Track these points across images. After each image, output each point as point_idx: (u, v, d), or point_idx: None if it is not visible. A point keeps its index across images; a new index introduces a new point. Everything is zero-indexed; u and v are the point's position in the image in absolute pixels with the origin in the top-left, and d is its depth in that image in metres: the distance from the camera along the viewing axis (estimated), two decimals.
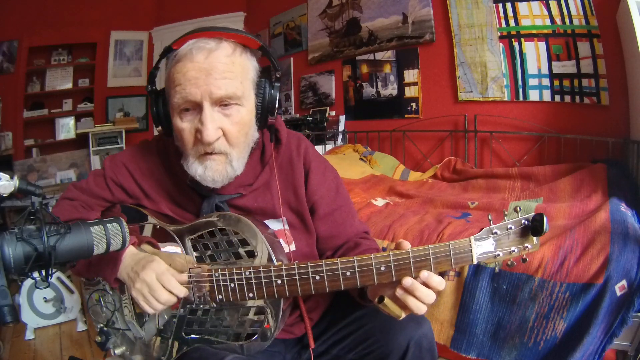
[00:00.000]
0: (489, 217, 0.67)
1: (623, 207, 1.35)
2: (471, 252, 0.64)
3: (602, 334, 1.12)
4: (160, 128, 0.79)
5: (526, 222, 0.64)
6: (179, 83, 0.69)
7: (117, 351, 0.85)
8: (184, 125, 0.72)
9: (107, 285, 0.84)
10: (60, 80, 3.99)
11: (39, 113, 3.89)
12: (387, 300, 0.66)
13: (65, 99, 4.05)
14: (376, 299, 0.67)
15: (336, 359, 0.84)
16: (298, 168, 0.85)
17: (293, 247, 0.84)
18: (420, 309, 0.64)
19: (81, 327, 1.97)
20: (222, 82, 0.69)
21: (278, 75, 0.78)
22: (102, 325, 0.86)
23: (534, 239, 0.64)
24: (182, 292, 0.73)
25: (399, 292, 0.65)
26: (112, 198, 0.87)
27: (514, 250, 0.65)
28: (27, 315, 1.93)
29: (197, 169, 0.74)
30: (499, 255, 0.65)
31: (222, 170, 0.74)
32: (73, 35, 3.92)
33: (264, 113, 0.77)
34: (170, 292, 0.72)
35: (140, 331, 0.82)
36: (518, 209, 0.65)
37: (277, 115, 0.80)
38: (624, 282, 1.11)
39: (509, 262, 0.67)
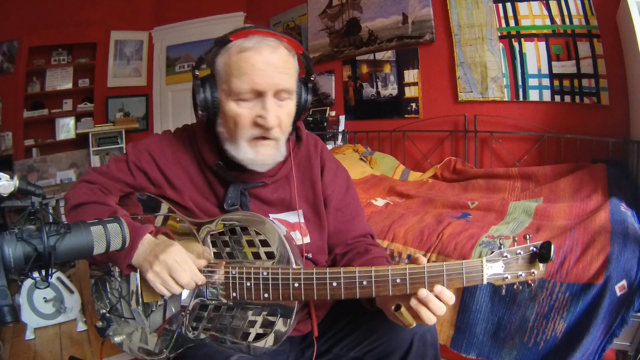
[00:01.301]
0: (500, 242, 0.70)
1: (623, 207, 1.35)
2: (482, 272, 0.67)
3: (602, 334, 1.12)
4: (202, 114, 0.79)
5: (534, 249, 0.68)
6: (245, 72, 0.74)
7: (117, 339, 0.84)
8: (242, 111, 0.76)
9: (115, 272, 0.83)
10: (60, 80, 3.99)
11: (39, 113, 3.88)
12: (403, 309, 0.68)
13: (65, 99, 4.05)
14: (392, 307, 0.70)
15: (338, 357, 0.85)
16: (315, 164, 0.90)
17: (307, 240, 0.87)
18: (431, 319, 0.67)
19: (81, 327, 1.97)
20: (284, 76, 0.76)
21: (313, 79, 0.84)
22: (104, 311, 0.85)
23: (541, 265, 0.68)
24: (201, 279, 0.75)
25: (413, 302, 0.67)
26: (133, 182, 0.87)
27: (521, 275, 0.68)
28: (27, 315, 1.93)
29: (248, 153, 0.78)
30: (507, 277, 0.68)
31: (272, 155, 0.79)
32: (73, 35, 3.92)
33: (300, 111, 0.83)
34: (192, 279, 0.74)
35: (145, 321, 0.81)
36: (528, 236, 0.68)
37: (302, 117, 0.86)
38: (624, 282, 1.11)
39: (515, 286, 0.71)
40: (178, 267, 0.72)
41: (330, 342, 0.86)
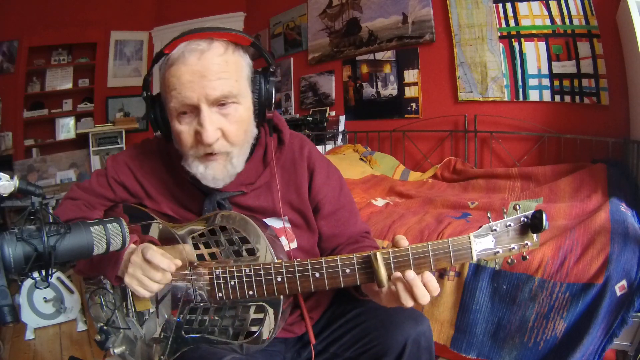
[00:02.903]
0: (489, 214, 0.66)
1: (623, 207, 1.35)
2: (470, 249, 0.64)
3: (602, 334, 1.12)
4: (159, 133, 0.80)
5: (525, 219, 0.64)
6: (174, 87, 0.70)
7: (117, 350, 0.85)
8: (183, 127, 0.73)
9: (107, 284, 0.85)
10: (60, 80, 3.99)
11: (39, 113, 3.89)
12: (380, 258, 0.64)
13: (65, 99, 4.05)
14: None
15: (334, 357, 0.84)
16: (301, 169, 0.86)
17: (294, 245, 0.85)
18: (407, 303, 0.64)
19: (81, 327, 1.97)
20: (216, 82, 0.69)
21: (272, 70, 0.78)
22: (102, 324, 0.86)
23: (534, 236, 0.64)
24: (171, 265, 0.72)
25: (395, 276, 0.64)
26: (114, 197, 0.87)
27: (513, 248, 0.64)
28: (27, 315, 1.93)
29: (199, 168, 0.75)
30: (498, 252, 0.64)
31: (223, 169, 0.75)
32: (73, 35, 3.92)
33: (262, 108, 0.78)
34: (158, 267, 0.72)
35: (140, 330, 0.82)
36: (517, 207, 0.65)
37: (274, 111, 0.80)
38: (624, 282, 1.11)
39: (509, 260, 0.67)
40: (147, 266, 0.72)
41: (326, 341, 0.86)
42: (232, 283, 0.73)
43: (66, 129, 4.05)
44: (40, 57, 3.87)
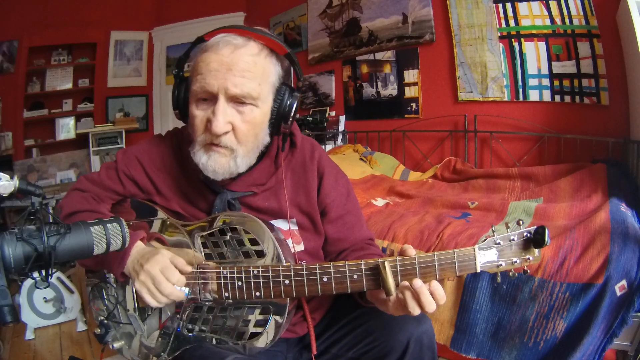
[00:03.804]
0: (493, 227, 0.68)
1: (623, 207, 1.35)
2: (475, 260, 0.66)
3: (602, 334, 1.12)
4: (176, 111, 0.81)
5: (528, 235, 0.66)
6: (200, 72, 0.72)
7: (116, 345, 0.84)
8: (198, 112, 0.74)
9: (110, 278, 0.84)
10: (60, 80, 3.99)
11: (39, 113, 3.88)
12: (387, 263, 0.65)
13: (65, 99, 4.05)
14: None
15: (336, 357, 0.84)
16: (311, 172, 0.87)
17: (301, 247, 0.85)
18: (415, 310, 0.66)
19: (81, 327, 1.97)
20: (239, 80, 0.71)
21: (299, 85, 0.79)
22: (102, 318, 0.85)
23: (536, 250, 0.66)
24: (181, 295, 0.74)
25: (403, 284, 0.65)
26: (123, 191, 0.87)
27: (515, 261, 0.67)
28: (27, 315, 1.93)
29: (202, 157, 0.76)
30: (501, 265, 0.67)
31: (225, 164, 0.75)
32: (73, 35, 3.92)
33: (278, 119, 0.78)
34: (171, 281, 0.73)
35: (142, 326, 0.82)
36: (521, 222, 0.67)
37: (292, 122, 0.80)
38: (624, 282, 1.11)
39: (510, 273, 0.70)
40: (161, 278, 0.72)
41: (328, 342, 0.86)
42: (240, 283, 0.74)
43: (66, 129, 4.04)
44: (40, 57, 3.86)
